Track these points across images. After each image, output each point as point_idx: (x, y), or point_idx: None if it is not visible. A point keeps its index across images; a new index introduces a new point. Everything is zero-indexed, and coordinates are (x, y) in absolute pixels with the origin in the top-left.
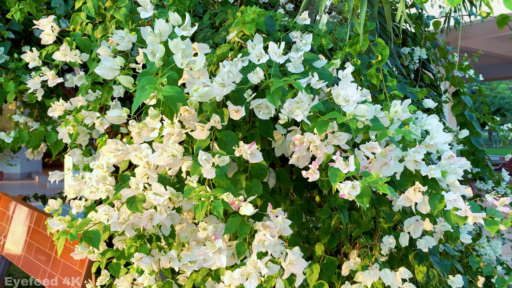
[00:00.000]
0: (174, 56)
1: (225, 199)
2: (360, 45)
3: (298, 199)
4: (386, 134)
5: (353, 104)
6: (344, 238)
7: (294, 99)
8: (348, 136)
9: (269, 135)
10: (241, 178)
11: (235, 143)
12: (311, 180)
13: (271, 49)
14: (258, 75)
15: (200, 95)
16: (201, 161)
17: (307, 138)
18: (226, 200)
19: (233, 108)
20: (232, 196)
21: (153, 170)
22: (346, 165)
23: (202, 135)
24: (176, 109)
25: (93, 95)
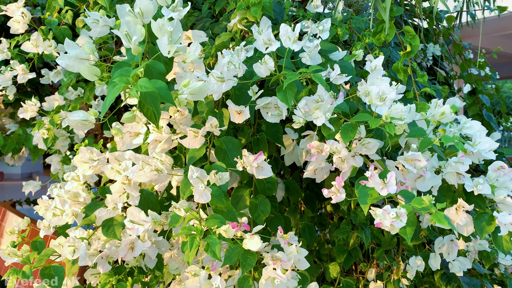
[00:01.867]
0: (158, 42)
1: (224, 234)
2: (386, 34)
3: (308, 211)
4: (430, 142)
5: (389, 103)
6: (360, 255)
7: (312, 97)
8: (379, 144)
9: (277, 140)
10: (245, 194)
11: (237, 152)
12: (335, 201)
13: (283, 32)
14: (267, 65)
15: (191, 91)
16: (192, 180)
17: (330, 147)
18: (225, 235)
19: (235, 109)
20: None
21: (133, 187)
22: (384, 184)
23: (195, 143)
24: (157, 109)
25: (74, 93)
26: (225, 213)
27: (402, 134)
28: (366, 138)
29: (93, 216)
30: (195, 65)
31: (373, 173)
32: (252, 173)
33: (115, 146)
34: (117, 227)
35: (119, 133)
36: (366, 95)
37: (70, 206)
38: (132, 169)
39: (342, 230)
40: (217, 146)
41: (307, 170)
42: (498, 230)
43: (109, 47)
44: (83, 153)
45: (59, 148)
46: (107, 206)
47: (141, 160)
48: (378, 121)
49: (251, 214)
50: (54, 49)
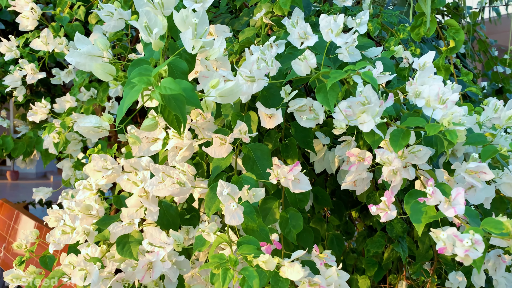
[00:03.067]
0: (182, 36)
1: (263, 265)
2: (427, 28)
3: (335, 219)
4: (495, 150)
5: (451, 106)
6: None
7: (357, 99)
8: (430, 152)
9: (308, 146)
10: (273, 207)
11: (266, 161)
12: (385, 219)
13: (324, 24)
14: (308, 62)
15: (221, 93)
16: (222, 197)
17: (380, 156)
18: (265, 266)
19: (266, 112)
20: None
21: (152, 200)
22: (449, 203)
23: (222, 152)
24: (183, 115)
25: (87, 94)
26: (256, 232)
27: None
28: (416, 146)
29: (106, 231)
30: (220, 63)
31: (435, 189)
32: (287, 186)
33: (130, 151)
34: (133, 245)
35: (137, 141)
36: (417, 96)
37: (82, 222)
38: (151, 181)
39: (377, 244)
40: (244, 154)
41: (345, 181)
42: None
43: (123, 44)
44: (96, 161)
45: (70, 152)
46: (122, 221)
47: (161, 172)
48: (437, 127)
49: (282, 230)
50: (66, 46)
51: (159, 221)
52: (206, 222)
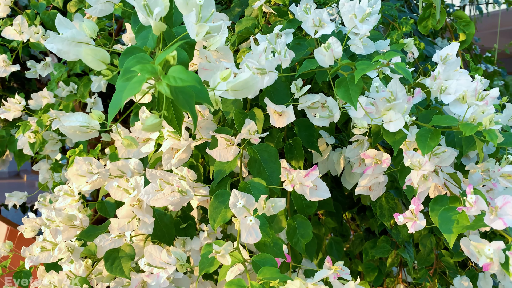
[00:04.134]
0: (185, 19)
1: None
2: (437, 19)
3: (330, 221)
4: None
5: (491, 102)
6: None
7: (381, 95)
8: (455, 154)
9: (312, 146)
10: (279, 214)
11: (274, 163)
12: (414, 230)
13: (347, 8)
14: (334, 51)
15: (234, 86)
16: (236, 210)
17: (410, 159)
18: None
19: (276, 109)
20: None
21: (147, 210)
22: (495, 214)
23: (228, 155)
24: (193, 111)
25: (66, 89)
26: (269, 247)
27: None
28: (441, 147)
29: (92, 245)
30: (221, 54)
31: (478, 197)
32: (303, 193)
33: (115, 153)
34: (124, 261)
35: (133, 144)
36: (442, 91)
37: (64, 235)
38: (147, 189)
39: (382, 249)
40: (251, 156)
41: (359, 186)
42: None
43: (106, 35)
44: (79, 165)
45: (48, 153)
46: (111, 233)
47: (158, 178)
48: (475, 127)
49: (289, 239)
50: (42, 36)
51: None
52: (205, 232)
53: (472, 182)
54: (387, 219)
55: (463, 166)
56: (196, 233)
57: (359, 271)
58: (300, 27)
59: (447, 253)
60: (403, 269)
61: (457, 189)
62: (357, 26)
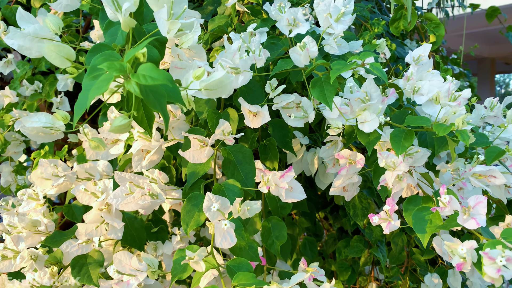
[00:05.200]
0: (156, 15)
1: None
2: (409, 21)
3: (303, 221)
4: (501, 152)
5: (463, 103)
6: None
7: (356, 95)
8: (428, 154)
9: (286, 146)
10: (253, 216)
11: (249, 165)
12: (389, 230)
13: (322, 7)
14: (309, 50)
15: (207, 85)
16: (210, 213)
17: (384, 160)
18: None
19: (250, 109)
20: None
21: (116, 215)
22: (468, 214)
23: (201, 156)
24: (164, 111)
25: (30, 88)
26: (244, 251)
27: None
28: (414, 147)
29: (58, 251)
30: (194, 53)
31: (451, 197)
32: (278, 195)
33: (83, 154)
34: (92, 268)
35: (101, 146)
36: (415, 92)
37: (27, 242)
38: (116, 193)
39: (355, 249)
40: (224, 157)
41: (334, 186)
42: None
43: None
44: (44, 167)
45: (11, 155)
46: (78, 238)
47: (128, 182)
48: (448, 128)
49: (264, 242)
50: (3, 32)
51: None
52: (178, 236)
53: (443, 181)
54: (360, 219)
55: (434, 166)
56: (168, 237)
57: (332, 270)
58: (274, 27)
59: (418, 251)
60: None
61: (429, 189)
62: (332, 25)
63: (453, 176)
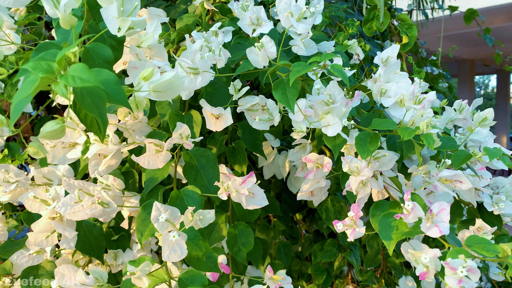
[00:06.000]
0: (103, 12)
1: None
2: (381, 22)
3: (280, 224)
4: (468, 156)
5: (428, 106)
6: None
7: (319, 98)
8: (396, 158)
9: (257, 149)
10: (220, 222)
11: (213, 169)
12: (353, 238)
13: (283, 6)
14: (267, 51)
15: (156, 87)
16: (158, 224)
17: (348, 165)
18: None
19: (212, 112)
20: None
21: (68, 223)
22: (431, 221)
23: (157, 162)
24: (102, 116)
25: None
26: (202, 262)
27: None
28: (382, 151)
29: (8, 263)
30: (154, 52)
31: (415, 204)
32: (239, 201)
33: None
34: (44, 278)
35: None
36: (382, 94)
37: None
38: (64, 201)
39: (329, 253)
40: (186, 162)
41: (301, 191)
42: None
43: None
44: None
45: None
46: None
47: (77, 190)
48: (413, 131)
49: (229, 249)
50: None
51: (79, 246)
52: (139, 244)
53: (414, 184)
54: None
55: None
56: (129, 244)
57: (309, 273)
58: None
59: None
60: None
61: (399, 194)
62: (293, 25)
63: (424, 179)
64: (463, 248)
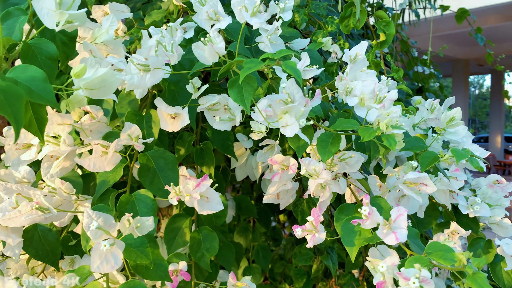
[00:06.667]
0: (35, 4)
1: None
2: (357, 19)
3: (261, 226)
4: (435, 157)
5: (389, 105)
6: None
7: (278, 96)
8: (363, 159)
9: (227, 150)
10: (183, 226)
11: (172, 172)
12: (313, 244)
13: (237, 0)
14: (214, 46)
15: (87, 84)
16: (90, 232)
17: (306, 167)
18: None
19: (167, 111)
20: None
21: (12, 229)
22: (389, 227)
23: (104, 164)
24: (16, 116)
25: None
26: (150, 271)
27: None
28: (347, 152)
29: None
30: (110, 49)
31: (372, 209)
32: (193, 205)
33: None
34: None
35: None
36: (348, 93)
37: None
38: (2, 206)
39: (305, 257)
40: (141, 164)
41: (267, 193)
42: (497, 258)
43: None
44: None
45: None
46: None
47: (15, 193)
48: (373, 132)
49: (192, 255)
50: None
51: (32, 252)
52: None
53: (389, 186)
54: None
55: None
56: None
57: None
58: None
59: None
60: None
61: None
62: (245, 19)
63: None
64: (422, 256)
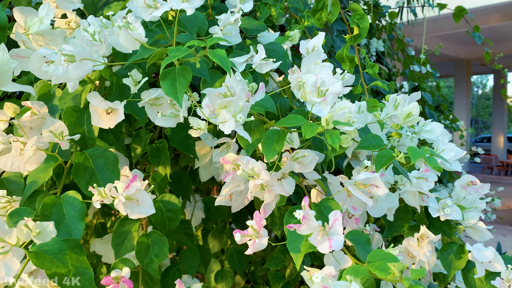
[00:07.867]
0: None
1: None
2: (329, 12)
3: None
4: (390, 157)
5: (332, 100)
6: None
7: (217, 90)
8: (318, 158)
9: (188, 149)
10: (132, 230)
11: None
12: (253, 250)
13: None
14: (132, 33)
15: None
16: None
17: (244, 167)
18: None
19: (100, 106)
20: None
21: None
22: (324, 233)
23: (21, 163)
24: None
25: None
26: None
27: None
28: (301, 150)
29: None
30: (47, 40)
31: (308, 213)
32: (120, 210)
33: None
34: None
35: None
36: (300, 87)
37: None
38: None
39: (276, 261)
40: (76, 163)
41: (221, 195)
42: (469, 265)
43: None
44: None
45: None
46: None
47: None
48: (316, 128)
49: (139, 260)
50: None
51: None
52: None
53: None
54: (278, 228)
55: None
56: None
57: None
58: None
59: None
60: None
61: None
62: (172, 4)
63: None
64: (360, 266)
